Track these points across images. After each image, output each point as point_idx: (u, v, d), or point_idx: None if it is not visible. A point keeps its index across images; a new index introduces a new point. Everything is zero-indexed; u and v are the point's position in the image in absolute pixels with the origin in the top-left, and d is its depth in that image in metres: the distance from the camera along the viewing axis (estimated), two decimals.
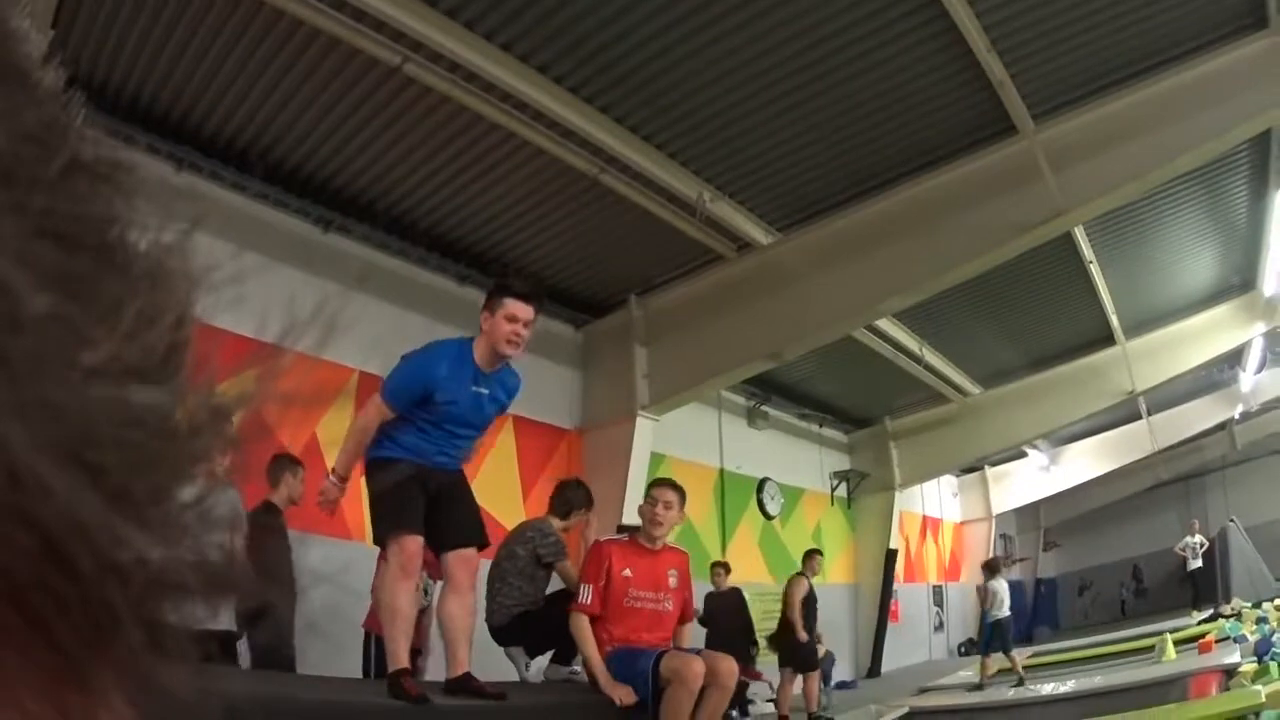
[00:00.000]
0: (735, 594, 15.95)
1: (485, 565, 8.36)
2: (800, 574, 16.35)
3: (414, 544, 6.80)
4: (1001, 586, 18.73)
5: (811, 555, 16.88)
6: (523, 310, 6.83)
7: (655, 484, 9.02)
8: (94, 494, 0.39)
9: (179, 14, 9.62)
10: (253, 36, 9.98)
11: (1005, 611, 18.41)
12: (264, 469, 9.46)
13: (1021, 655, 19.85)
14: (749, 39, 10.42)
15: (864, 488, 23.96)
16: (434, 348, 7.10)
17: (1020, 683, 17.18)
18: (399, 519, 6.82)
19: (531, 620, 9.20)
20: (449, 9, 9.92)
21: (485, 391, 7.06)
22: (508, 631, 9.23)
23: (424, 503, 6.92)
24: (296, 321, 0.51)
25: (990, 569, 19.59)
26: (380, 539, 6.97)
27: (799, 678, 15.84)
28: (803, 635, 15.53)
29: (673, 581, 8.67)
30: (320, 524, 10.92)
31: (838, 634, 19.35)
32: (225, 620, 8.07)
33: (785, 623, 15.83)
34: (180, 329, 0.46)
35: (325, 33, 9.80)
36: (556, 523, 9.72)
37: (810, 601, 15.94)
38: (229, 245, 10.54)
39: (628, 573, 8.41)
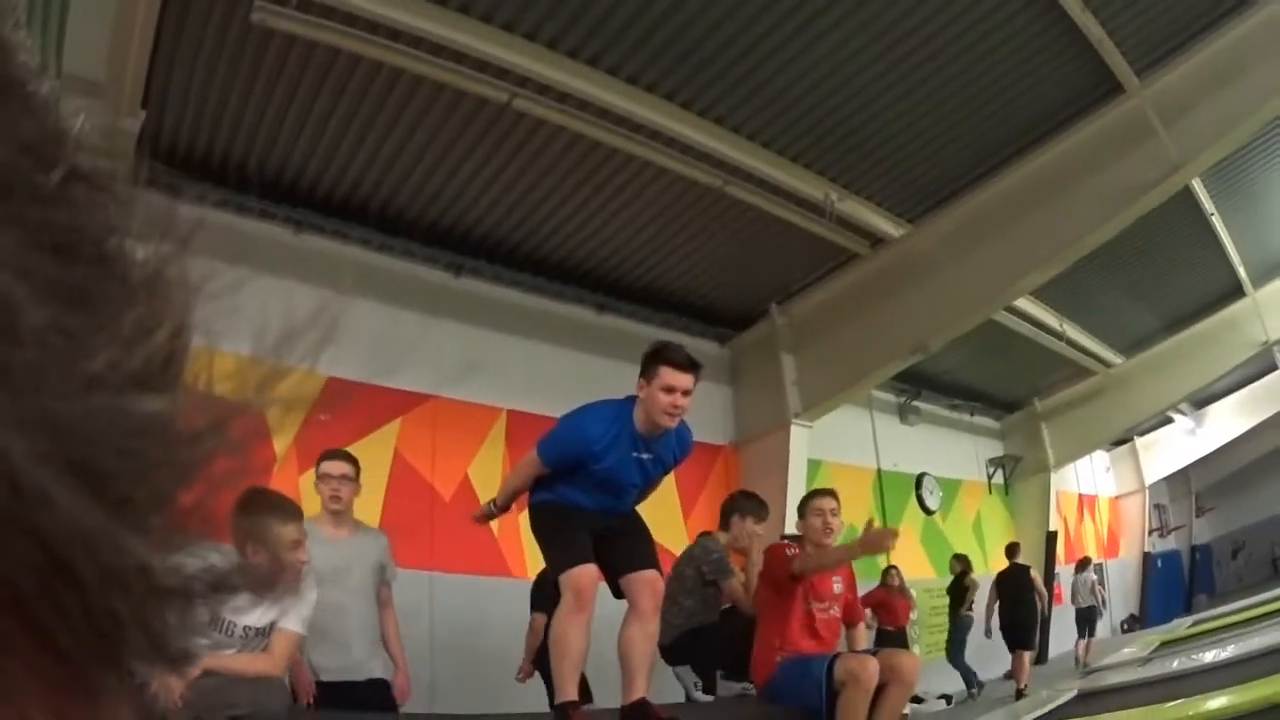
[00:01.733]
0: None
1: None
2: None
3: (585, 575, 6.75)
4: (1085, 579, 20.93)
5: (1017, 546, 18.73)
6: (680, 379, 6.72)
7: (814, 496, 8.88)
8: (96, 504, 0.39)
9: (274, 78, 9.82)
10: (354, 92, 10.09)
11: (1084, 601, 20.73)
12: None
13: (1183, 624, 20.14)
14: (851, 32, 10.28)
15: (1019, 472, 23.69)
16: (590, 413, 7.02)
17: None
18: (567, 555, 6.83)
19: (702, 637, 9.19)
20: (550, 40, 9.91)
21: (648, 456, 7.00)
22: (676, 650, 9.18)
23: (591, 537, 6.90)
24: (294, 326, 0.48)
25: (1080, 564, 21.58)
26: (554, 579, 6.93)
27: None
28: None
29: (837, 588, 8.63)
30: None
31: None
32: None
33: (1032, 607, 17.38)
34: (179, 337, 0.46)
35: (428, 78, 9.84)
36: (723, 537, 9.70)
37: None
38: (363, 300, 10.76)
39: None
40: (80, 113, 0.47)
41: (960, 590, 18.08)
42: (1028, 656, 17.28)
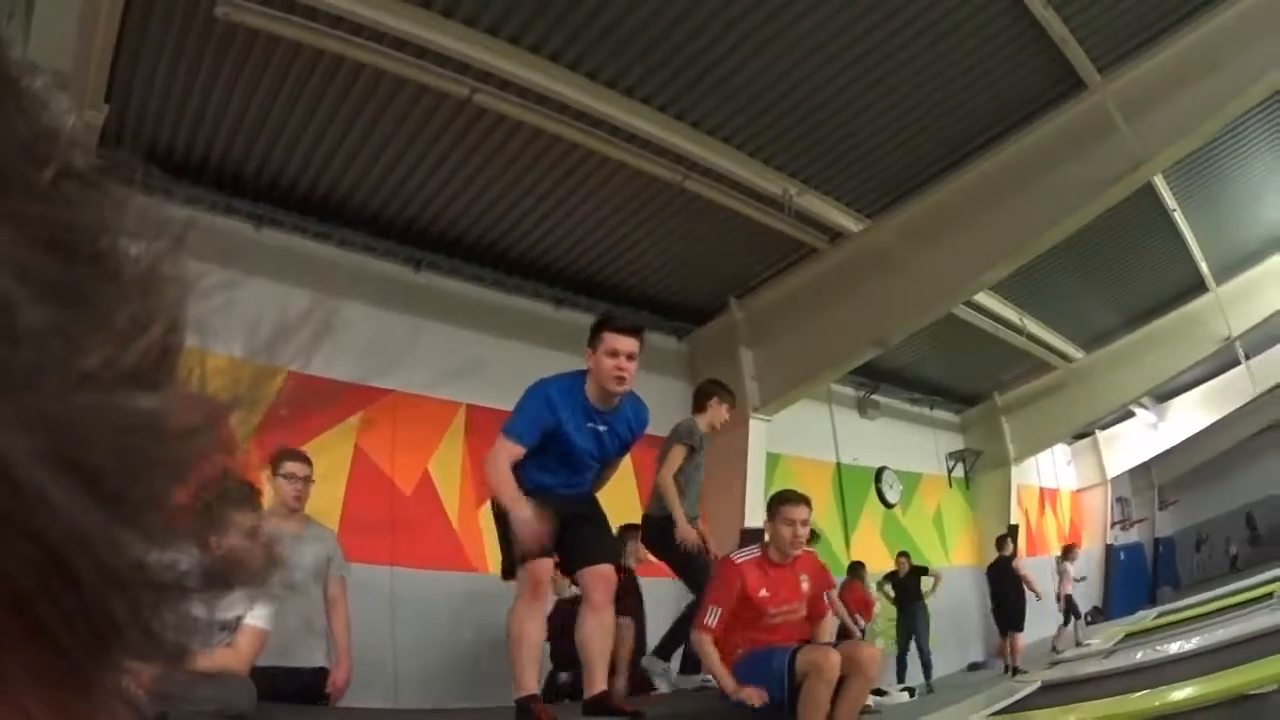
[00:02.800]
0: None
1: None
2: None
3: (542, 569, 6.81)
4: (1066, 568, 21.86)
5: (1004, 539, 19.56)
6: (623, 343, 6.83)
7: (783, 501, 8.63)
8: (92, 502, 0.40)
9: (236, 73, 9.78)
10: (315, 86, 10.03)
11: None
12: None
13: (1148, 616, 20.60)
14: (810, 29, 10.27)
15: (980, 466, 23.76)
16: (542, 382, 7.11)
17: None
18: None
19: (659, 542, 9.39)
20: (511, 36, 9.91)
21: (603, 428, 7.07)
22: (650, 539, 9.71)
23: (552, 528, 6.86)
24: (287, 325, 0.48)
25: (1065, 551, 22.64)
26: (508, 569, 6.96)
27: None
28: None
29: (805, 587, 8.53)
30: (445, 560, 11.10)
31: (964, 616, 19.39)
32: None
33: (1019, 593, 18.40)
34: (173, 334, 0.46)
35: (390, 73, 9.82)
36: (701, 420, 9.92)
37: None
38: (321, 294, 10.75)
39: (764, 593, 8.29)
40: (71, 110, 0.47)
41: (916, 583, 18.34)
42: (1020, 638, 18.28)
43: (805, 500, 8.60)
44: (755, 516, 11.87)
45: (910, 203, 13.62)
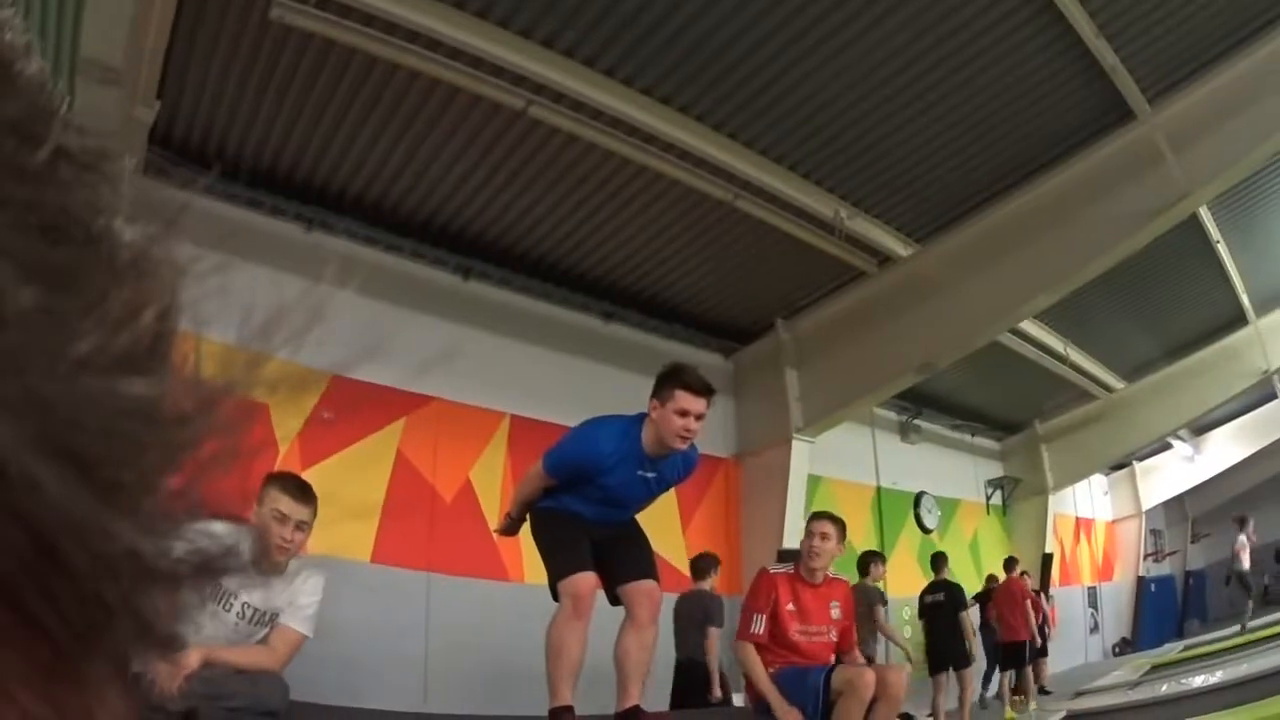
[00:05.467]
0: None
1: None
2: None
3: (584, 583, 6.76)
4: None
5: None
6: (694, 404, 6.66)
7: (812, 516, 8.84)
8: (84, 487, 0.39)
9: (290, 77, 9.86)
10: (369, 92, 10.09)
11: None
12: None
13: (1175, 649, 20.36)
14: (865, 51, 10.27)
15: (1018, 494, 23.59)
16: (599, 429, 6.96)
17: None
18: (566, 561, 6.83)
19: None
20: (566, 49, 9.91)
21: (653, 474, 6.96)
22: None
23: (590, 545, 6.91)
24: (281, 309, 0.46)
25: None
26: (552, 585, 6.91)
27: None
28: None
29: (835, 614, 8.54)
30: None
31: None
32: None
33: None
34: (167, 318, 0.46)
35: (444, 82, 9.84)
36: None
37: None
38: (370, 300, 10.74)
39: (791, 607, 8.32)
40: (65, 94, 0.47)
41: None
42: (1044, 663, 18.51)
43: (830, 517, 8.66)
44: (794, 538, 11.83)
45: (959, 229, 13.57)
